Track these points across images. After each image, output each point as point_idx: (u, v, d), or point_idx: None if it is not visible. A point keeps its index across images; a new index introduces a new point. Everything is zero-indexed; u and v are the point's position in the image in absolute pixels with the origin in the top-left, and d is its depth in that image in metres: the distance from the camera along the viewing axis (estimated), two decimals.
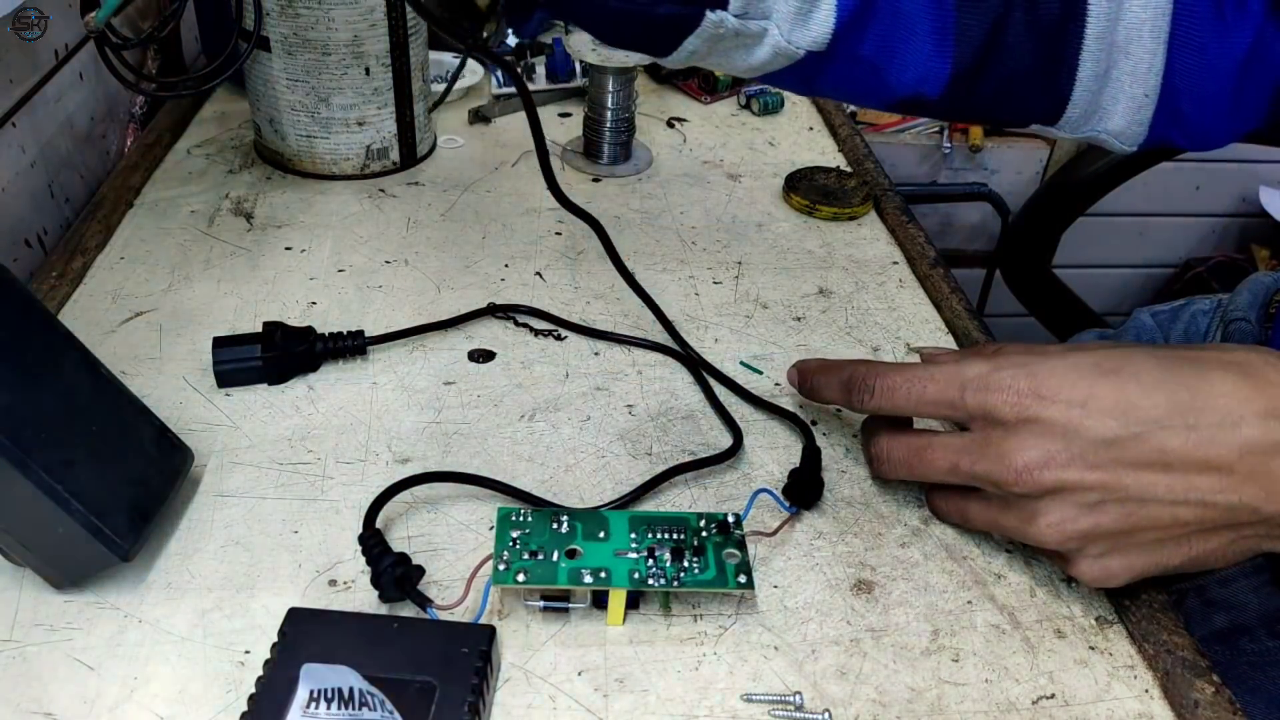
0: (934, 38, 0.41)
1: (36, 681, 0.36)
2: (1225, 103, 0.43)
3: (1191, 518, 0.36)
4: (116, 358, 0.51)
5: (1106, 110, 0.44)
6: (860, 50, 0.40)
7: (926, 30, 0.40)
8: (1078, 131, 0.45)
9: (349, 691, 0.32)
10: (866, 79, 0.42)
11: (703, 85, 0.84)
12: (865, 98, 0.43)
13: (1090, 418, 0.36)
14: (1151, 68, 0.42)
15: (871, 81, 0.42)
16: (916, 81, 0.41)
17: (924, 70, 0.41)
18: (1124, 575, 0.38)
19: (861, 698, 0.37)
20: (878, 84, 0.42)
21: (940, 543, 0.43)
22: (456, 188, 0.69)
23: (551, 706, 0.36)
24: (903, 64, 0.41)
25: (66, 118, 0.68)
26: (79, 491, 0.37)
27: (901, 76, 0.41)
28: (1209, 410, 0.35)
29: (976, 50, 0.41)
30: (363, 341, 0.51)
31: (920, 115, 0.44)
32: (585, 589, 0.38)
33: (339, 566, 0.41)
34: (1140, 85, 0.42)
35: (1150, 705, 0.37)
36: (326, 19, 0.62)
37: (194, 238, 0.62)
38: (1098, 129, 0.44)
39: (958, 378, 0.39)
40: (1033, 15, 0.41)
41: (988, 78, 0.42)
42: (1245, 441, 0.35)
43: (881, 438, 0.43)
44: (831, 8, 0.39)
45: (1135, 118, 0.44)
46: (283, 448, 0.46)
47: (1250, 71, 0.42)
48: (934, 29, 0.40)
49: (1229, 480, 0.35)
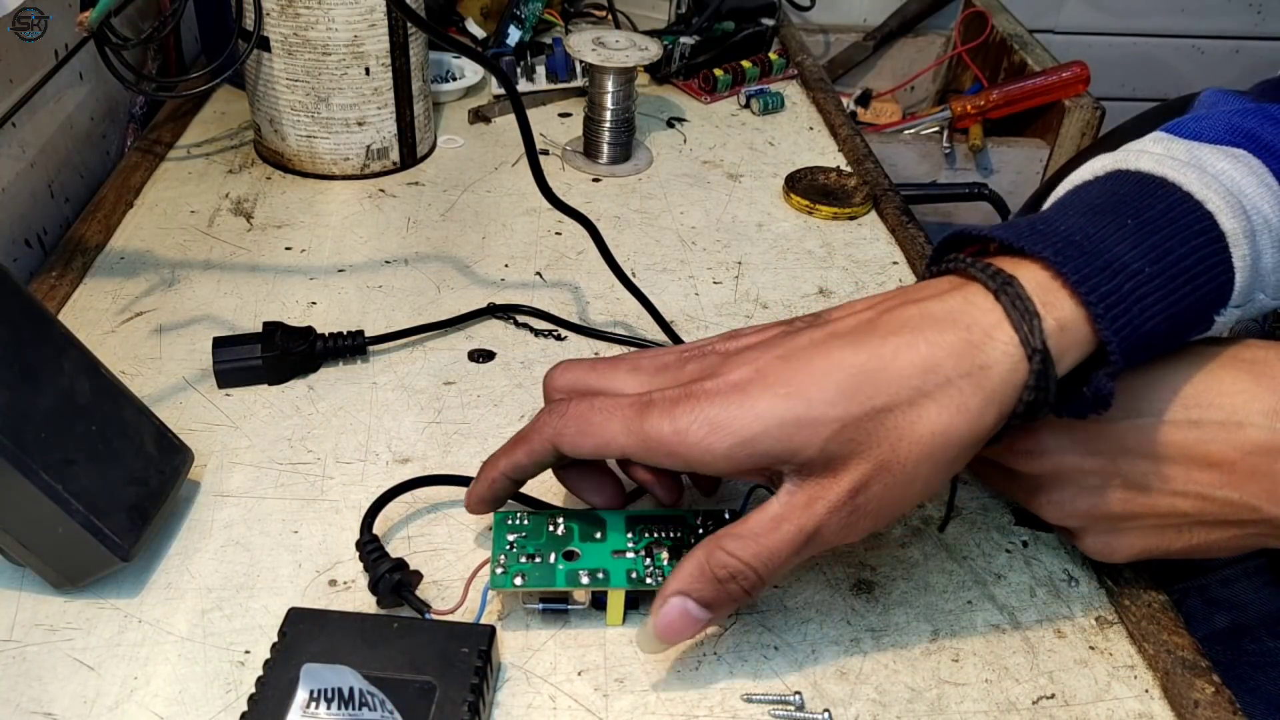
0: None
1: (36, 681, 0.36)
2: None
3: (1191, 509, 0.36)
4: (116, 358, 0.51)
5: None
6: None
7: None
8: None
9: (349, 692, 0.32)
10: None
11: (703, 85, 0.84)
12: None
13: None
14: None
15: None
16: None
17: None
18: (1127, 553, 0.39)
19: (861, 697, 0.37)
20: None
21: (940, 543, 0.43)
22: (457, 188, 0.69)
23: (551, 707, 0.36)
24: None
25: (66, 117, 0.68)
26: (79, 491, 0.37)
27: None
28: (1214, 407, 0.35)
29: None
30: (362, 341, 0.51)
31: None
32: (584, 590, 0.38)
33: (339, 566, 0.41)
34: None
35: (1150, 705, 0.37)
36: (326, 19, 0.62)
37: (194, 238, 0.62)
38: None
39: None
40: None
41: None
42: (1248, 441, 0.35)
43: None
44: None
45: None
46: (283, 448, 0.46)
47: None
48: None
49: (1229, 478, 0.35)
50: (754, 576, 0.34)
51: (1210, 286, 0.34)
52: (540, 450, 0.37)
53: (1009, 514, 0.45)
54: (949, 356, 0.32)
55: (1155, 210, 0.35)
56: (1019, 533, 0.44)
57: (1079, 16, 1.37)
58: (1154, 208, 0.35)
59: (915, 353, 0.32)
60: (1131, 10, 1.38)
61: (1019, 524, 0.44)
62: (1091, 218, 0.35)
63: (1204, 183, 0.36)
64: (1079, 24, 1.37)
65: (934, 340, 0.33)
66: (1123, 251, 0.33)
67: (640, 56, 0.68)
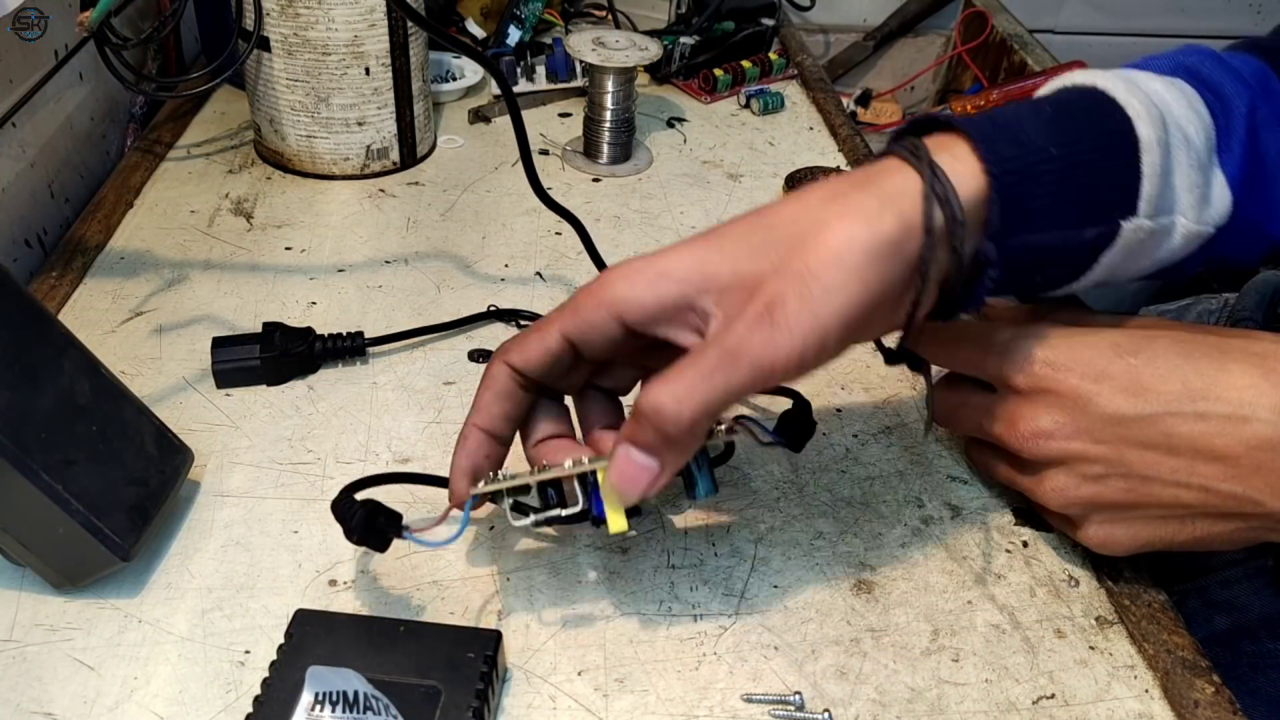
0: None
1: (37, 682, 0.36)
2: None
3: (1194, 501, 0.37)
4: (116, 358, 0.51)
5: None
6: (1248, 212, 0.40)
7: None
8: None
9: (353, 695, 0.32)
10: (1253, 237, 0.42)
11: (703, 85, 0.84)
12: (1248, 252, 0.43)
13: (1102, 394, 0.37)
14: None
15: (1255, 237, 0.42)
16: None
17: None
18: (1127, 544, 0.39)
19: (861, 698, 0.37)
20: (1260, 238, 0.42)
21: (940, 542, 0.43)
22: (456, 188, 0.69)
23: (552, 707, 0.36)
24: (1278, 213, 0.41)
25: (66, 118, 0.68)
26: (79, 491, 0.37)
27: (1277, 225, 0.42)
28: (1222, 401, 0.35)
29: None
30: (362, 343, 0.51)
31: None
32: (570, 473, 0.36)
33: (339, 566, 0.41)
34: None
35: (1150, 705, 0.37)
36: (326, 19, 0.62)
37: (194, 238, 0.62)
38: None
39: (986, 341, 0.40)
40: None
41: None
42: (1254, 436, 0.35)
43: (937, 391, 0.44)
44: (1223, 182, 0.39)
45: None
46: (283, 448, 0.46)
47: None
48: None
49: (1234, 471, 0.35)
50: (677, 409, 0.32)
51: (1111, 183, 0.36)
52: (543, 345, 0.37)
53: (1009, 513, 0.45)
54: (847, 183, 0.35)
55: (1077, 106, 0.38)
56: (1019, 532, 0.44)
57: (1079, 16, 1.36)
58: (1078, 104, 0.38)
59: (823, 188, 0.35)
60: (1132, 10, 1.38)
61: (1020, 523, 0.44)
62: (1017, 108, 0.38)
63: (1130, 91, 0.38)
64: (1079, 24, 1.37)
65: (839, 178, 0.36)
66: (1034, 133, 0.36)
67: (640, 56, 0.68)
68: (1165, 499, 0.37)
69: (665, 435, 0.33)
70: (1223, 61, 0.41)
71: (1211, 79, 0.40)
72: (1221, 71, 0.40)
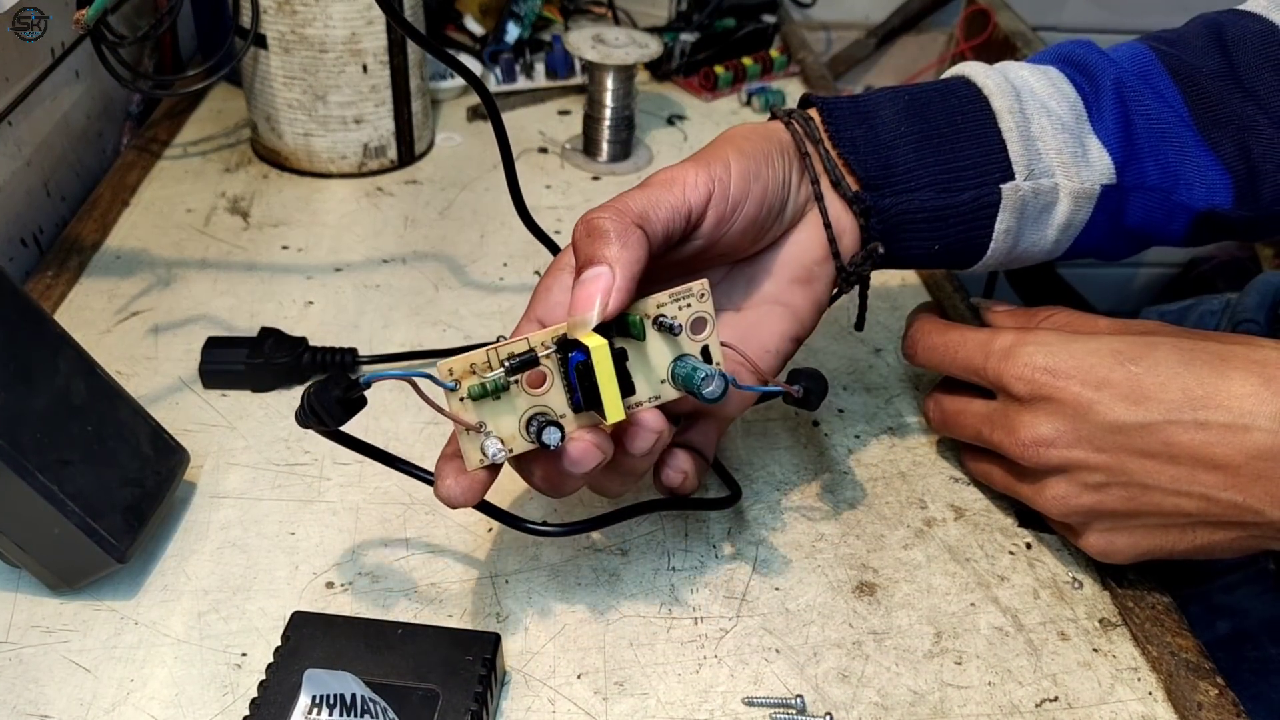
0: (1205, 154, 0.43)
1: (33, 684, 0.36)
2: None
3: (1194, 509, 0.36)
4: (112, 357, 0.51)
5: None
6: (1148, 179, 0.43)
7: (1194, 148, 0.43)
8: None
9: (351, 698, 0.32)
10: (1166, 205, 0.43)
11: (703, 82, 0.84)
12: (1170, 223, 0.44)
13: (1103, 402, 0.37)
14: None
15: (1167, 205, 0.43)
16: (1206, 195, 0.43)
17: (1208, 184, 0.43)
18: (1128, 552, 0.39)
19: (864, 701, 0.36)
20: (1173, 206, 0.43)
21: (943, 545, 0.43)
22: (455, 186, 0.69)
23: (551, 710, 0.36)
24: (1188, 182, 0.43)
25: (63, 116, 0.67)
26: (75, 492, 0.36)
27: (1191, 194, 0.43)
28: (1222, 409, 0.35)
29: (1238, 160, 0.43)
30: (352, 360, 0.50)
31: (1232, 236, 0.45)
32: (535, 343, 0.33)
33: (336, 568, 0.40)
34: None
35: (1154, 708, 0.37)
36: (324, 16, 0.62)
37: (190, 236, 0.61)
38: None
39: (986, 347, 0.40)
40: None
41: (1265, 184, 0.43)
42: (1254, 445, 0.35)
43: (931, 396, 0.45)
44: (1099, 145, 0.42)
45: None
46: (279, 449, 0.46)
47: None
48: (1198, 145, 0.43)
49: (1234, 480, 0.35)
50: (597, 211, 0.36)
51: (974, 149, 0.41)
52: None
53: (1012, 515, 0.44)
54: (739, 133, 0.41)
55: (933, 90, 0.42)
56: (1022, 535, 0.44)
57: (1082, 14, 1.36)
58: (934, 89, 0.43)
59: (725, 146, 0.40)
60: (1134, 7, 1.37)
61: (1022, 526, 0.44)
62: (881, 93, 0.43)
63: (985, 73, 0.42)
64: (1082, 21, 1.36)
65: None
66: (886, 114, 0.41)
67: (640, 54, 0.68)
68: (1166, 507, 0.37)
69: (596, 232, 0.35)
70: (1094, 47, 0.44)
71: (1082, 61, 0.44)
72: (1093, 55, 0.44)
